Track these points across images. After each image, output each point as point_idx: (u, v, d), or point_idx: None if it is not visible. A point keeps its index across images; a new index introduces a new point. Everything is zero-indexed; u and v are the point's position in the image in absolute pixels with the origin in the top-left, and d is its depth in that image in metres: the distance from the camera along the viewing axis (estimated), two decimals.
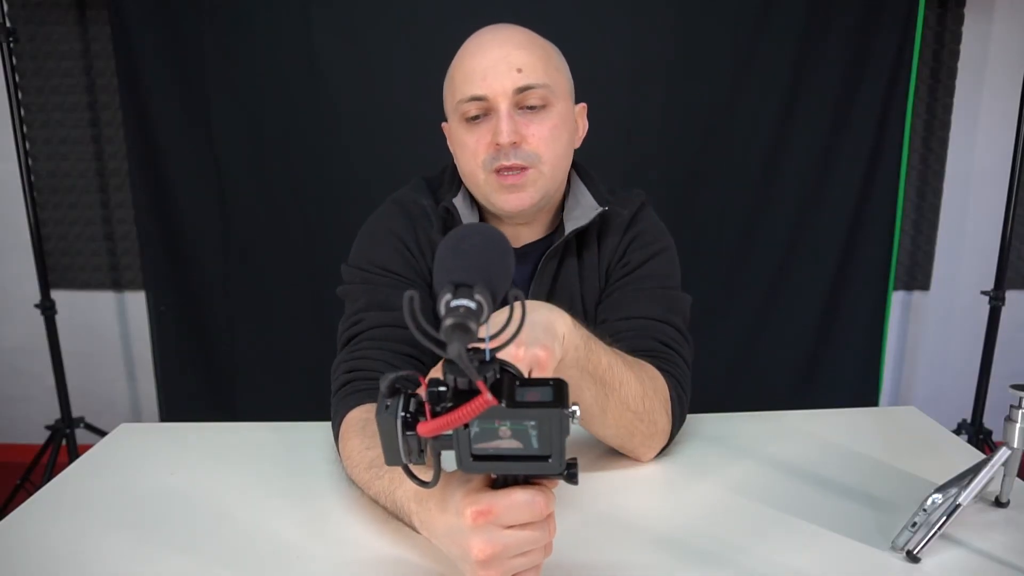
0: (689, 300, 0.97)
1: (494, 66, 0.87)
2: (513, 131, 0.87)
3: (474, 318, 0.44)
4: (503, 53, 0.88)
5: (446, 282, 0.47)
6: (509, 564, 0.57)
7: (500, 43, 0.89)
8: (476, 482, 0.57)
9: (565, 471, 0.52)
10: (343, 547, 0.71)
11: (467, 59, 0.90)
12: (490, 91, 0.87)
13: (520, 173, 0.89)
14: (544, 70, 0.89)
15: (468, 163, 0.92)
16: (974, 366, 2.15)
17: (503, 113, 0.87)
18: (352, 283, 0.95)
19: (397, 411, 0.50)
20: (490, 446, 0.50)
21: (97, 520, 0.78)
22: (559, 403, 0.49)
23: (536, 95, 0.88)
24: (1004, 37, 2.26)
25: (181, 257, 2.20)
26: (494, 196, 0.91)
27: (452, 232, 0.52)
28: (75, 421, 2.17)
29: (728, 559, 0.69)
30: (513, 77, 0.87)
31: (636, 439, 0.85)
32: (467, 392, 0.48)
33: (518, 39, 0.90)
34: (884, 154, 2.16)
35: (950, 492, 0.71)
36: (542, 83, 0.88)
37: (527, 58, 0.88)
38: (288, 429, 1.02)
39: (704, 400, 1.03)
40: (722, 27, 2.06)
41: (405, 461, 0.52)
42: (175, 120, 2.10)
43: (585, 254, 0.99)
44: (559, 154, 0.92)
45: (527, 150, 0.89)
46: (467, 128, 0.91)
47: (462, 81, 0.90)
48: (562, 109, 0.92)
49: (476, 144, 0.90)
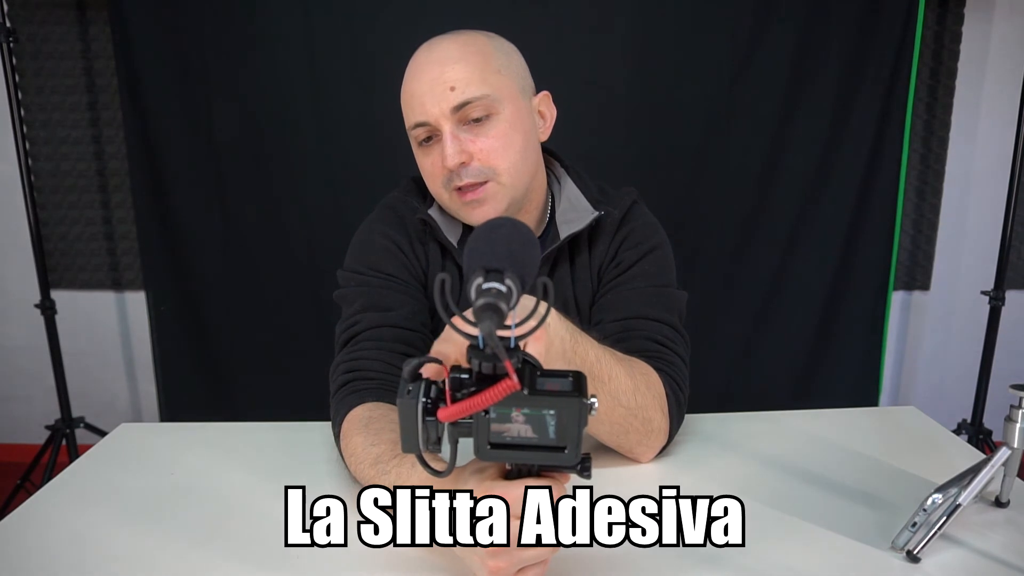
0: (685, 297, 0.97)
1: (430, 89, 0.87)
2: (457, 152, 0.87)
3: (504, 301, 0.44)
4: (436, 73, 0.87)
5: (477, 267, 0.47)
6: (518, 556, 0.57)
7: (433, 62, 0.88)
8: (490, 472, 0.57)
9: (579, 464, 0.53)
10: (344, 545, 0.71)
11: (407, 83, 0.90)
12: (429, 116, 0.87)
13: (478, 188, 0.89)
14: (481, 79, 0.87)
15: (431, 184, 0.94)
16: (974, 366, 2.15)
17: (446, 136, 0.87)
18: (348, 287, 0.95)
19: (419, 396, 0.50)
20: (507, 431, 0.51)
21: (97, 520, 0.78)
22: (578, 393, 0.50)
23: (476, 108, 0.86)
24: (1004, 37, 2.26)
25: (181, 257, 2.19)
26: (461, 213, 0.93)
27: (483, 223, 0.53)
28: (75, 421, 2.17)
29: (728, 559, 0.69)
30: (448, 96, 0.86)
31: (632, 437, 0.84)
32: (490, 377, 0.48)
33: (450, 53, 0.87)
34: (884, 154, 2.16)
35: (950, 492, 0.71)
36: (479, 95, 0.86)
37: (460, 72, 0.86)
38: (288, 429, 1.02)
39: (704, 400, 1.03)
40: (722, 27, 2.06)
41: (422, 448, 0.52)
42: (175, 120, 2.09)
43: (577, 256, 0.99)
44: (515, 160, 0.90)
45: (478, 166, 0.88)
46: (423, 152, 0.92)
47: (406, 107, 0.91)
48: (510, 113, 0.89)
49: (432, 167, 0.91)
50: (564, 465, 0.53)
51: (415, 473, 0.68)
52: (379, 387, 0.85)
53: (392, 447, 0.73)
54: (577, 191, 0.99)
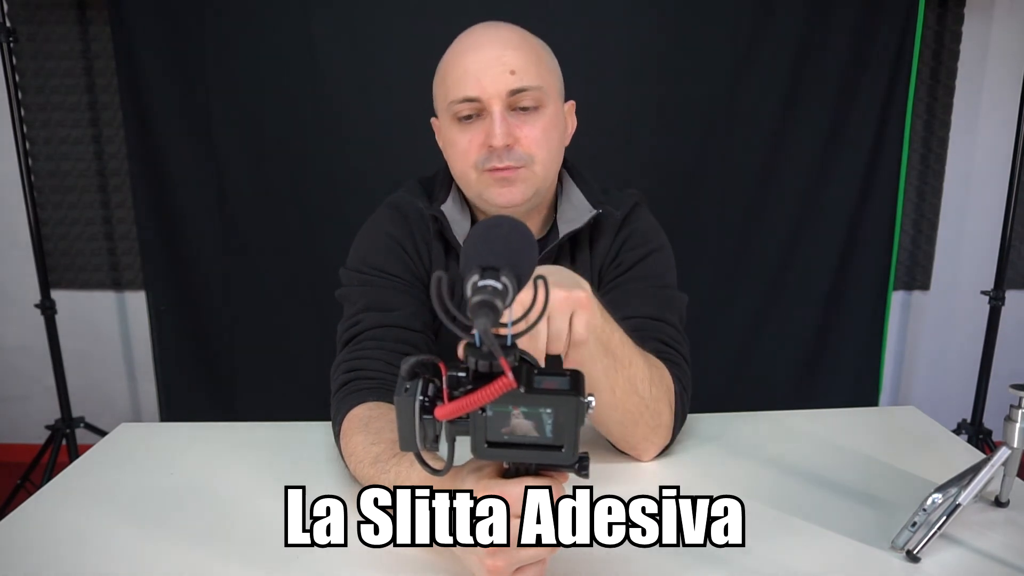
0: (685, 299, 0.97)
1: (488, 67, 0.87)
2: (507, 133, 0.87)
3: (500, 298, 0.44)
4: (496, 53, 0.87)
5: (474, 265, 0.47)
6: (516, 556, 0.57)
7: (493, 43, 0.88)
8: (488, 471, 0.58)
9: (576, 463, 0.53)
10: (344, 545, 0.71)
11: (460, 58, 0.89)
12: (483, 93, 0.87)
13: (514, 169, 0.89)
14: (537, 72, 0.89)
15: (459, 162, 0.92)
16: (974, 366, 2.15)
17: (497, 116, 0.87)
18: (350, 285, 0.95)
19: (416, 394, 0.51)
20: (505, 430, 0.51)
21: (97, 520, 0.78)
22: (576, 392, 0.50)
23: (529, 97, 0.88)
24: (1004, 37, 2.26)
25: (181, 257, 2.20)
26: (486, 192, 0.91)
27: (481, 221, 0.53)
28: (75, 421, 2.17)
29: (728, 559, 0.69)
30: (507, 79, 0.86)
31: (640, 429, 0.84)
32: (487, 376, 0.48)
33: (512, 39, 0.89)
34: (884, 154, 2.16)
35: (950, 492, 0.71)
36: (535, 85, 0.88)
37: (521, 59, 0.87)
38: (288, 429, 1.02)
39: (704, 400, 1.03)
40: (722, 26, 2.06)
41: (420, 446, 0.52)
42: (175, 120, 2.09)
43: (578, 256, 0.99)
44: (551, 155, 0.92)
45: (520, 152, 0.88)
46: (459, 128, 0.90)
47: (455, 81, 0.89)
48: (553, 110, 0.91)
49: (468, 144, 0.90)
50: (562, 464, 0.53)
51: (414, 472, 0.68)
52: (380, 387, 0.85)
53: (392, 446, 0.73)
54: (579, 191, 0.99)
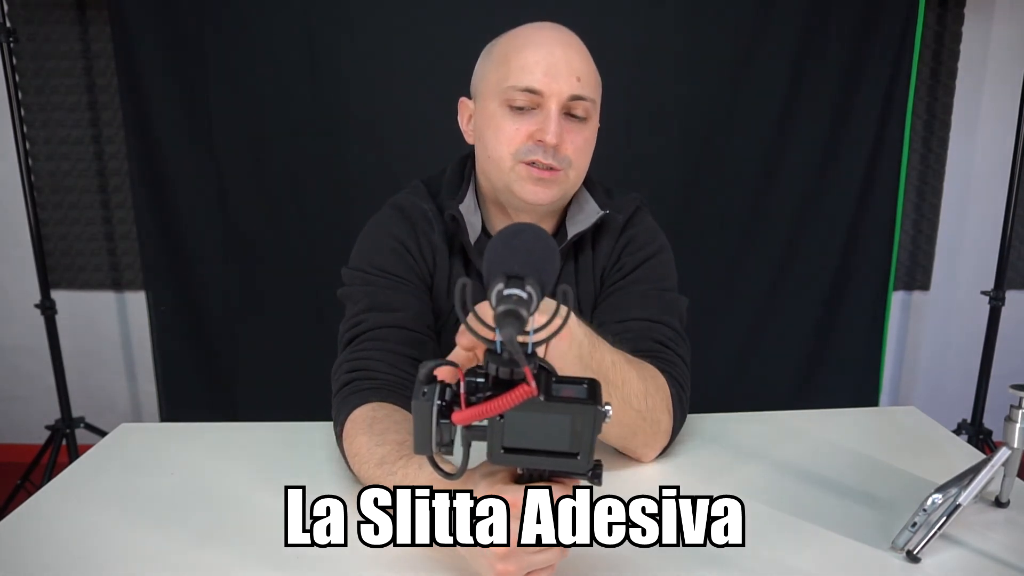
0: (686, 302, 0.97)
1: (556, 66, 0.87)
2: (559, 133, 0.88)
3: (525, 307, 0.45)
4: (566, 56, 0.88)
5: (499, 273, 0.48)
6: (528, 560, 0.57)
7: (563, 44, 0.89)
8: (500, 476, 0.58)
9: (591, 471, 0.53)
10: (344, 545, 0.71)
11: (529, 49, 0.89)
12: (548, 89, 0.87)
13: (555, 171, 0.90)
14: (595, 85, 0.92)
15: (498, 147, 0.91)
16: (974, 366, 2.15)
17: (553, 114, 0.87)
18: (353, 285, 0.95)
19: (433, 398, 0.50)
20: (521, 439, 0.51)
21: (97, 520, 0.78)
22: (593, 401, 0.50)
23: (583, 107, 0.90)
24: (1004, 37, 2.26)
25: (181, 257, 2.19)
26: (517, 184, 0.91)
27: (504, 228, 0.53)
28: (75, 421, 2.17)
29: (728, 559, 0.69)
30: (572, 84, 0.88)
31: (639, 438, 0.85)
32: (506, 382, 0.48)
33: (580, 48, 0.91)
34: (884, 154, 2.16)
35: (950, 492, 0.71)
36: (591, 97, 0.90)
37: (585, 68, 0.89)
38: (288, 429, 1.02)
39: (704, 400, 1.03)
40: (722, 27, 2.06)
41: (435, 450, 0.52)
42: (175, 120, 2.09)
43: (581, 258, 0.99)
44: (585, 165, 0.94)
45: (563, 154, 0.89)
46: (510, 115, 0.89)
47: (520, 68, 0.88)
48: (595, 124, 0.94)
49: (515, 132, 0.89)
50: (576, 471, 0.53)
51: (422, 474, 0.68)
52: (382, 387, 0.85)
53: (397, 448, 0.73)
54: (587, 193, 1.00)
